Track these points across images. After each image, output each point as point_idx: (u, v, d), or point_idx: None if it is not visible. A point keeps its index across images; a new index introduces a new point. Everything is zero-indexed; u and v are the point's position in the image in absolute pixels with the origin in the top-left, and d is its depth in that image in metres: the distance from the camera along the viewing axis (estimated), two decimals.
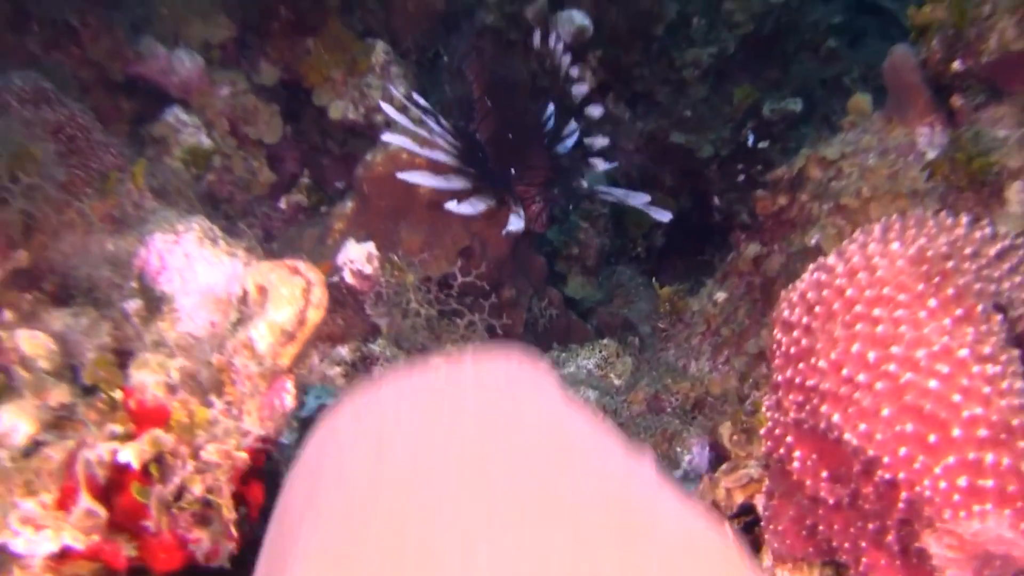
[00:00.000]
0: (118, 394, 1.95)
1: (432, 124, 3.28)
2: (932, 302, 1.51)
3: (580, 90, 3.71)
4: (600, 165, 3.73)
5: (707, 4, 6.06)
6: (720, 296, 3.42)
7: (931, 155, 3.03)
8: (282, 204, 4.20)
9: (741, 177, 5.72)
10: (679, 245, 5.65)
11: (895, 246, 1.58)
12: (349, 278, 2.82)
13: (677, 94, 5.81)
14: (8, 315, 2.43)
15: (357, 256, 2.83)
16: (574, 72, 3.77)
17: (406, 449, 1.18)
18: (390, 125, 4.17)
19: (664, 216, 3.32)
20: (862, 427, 1.51)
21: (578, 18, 5.24)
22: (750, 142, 5.77)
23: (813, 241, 3.06)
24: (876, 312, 1.53)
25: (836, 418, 1.54)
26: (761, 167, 5.61)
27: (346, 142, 4.40)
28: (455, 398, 1.23)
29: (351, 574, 1.08)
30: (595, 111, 3.62)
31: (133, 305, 2.53)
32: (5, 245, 2.40)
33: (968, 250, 1.62)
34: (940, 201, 2.87)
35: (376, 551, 1.09)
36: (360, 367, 2.77)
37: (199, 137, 4.02)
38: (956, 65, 3.00)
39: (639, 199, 3.49)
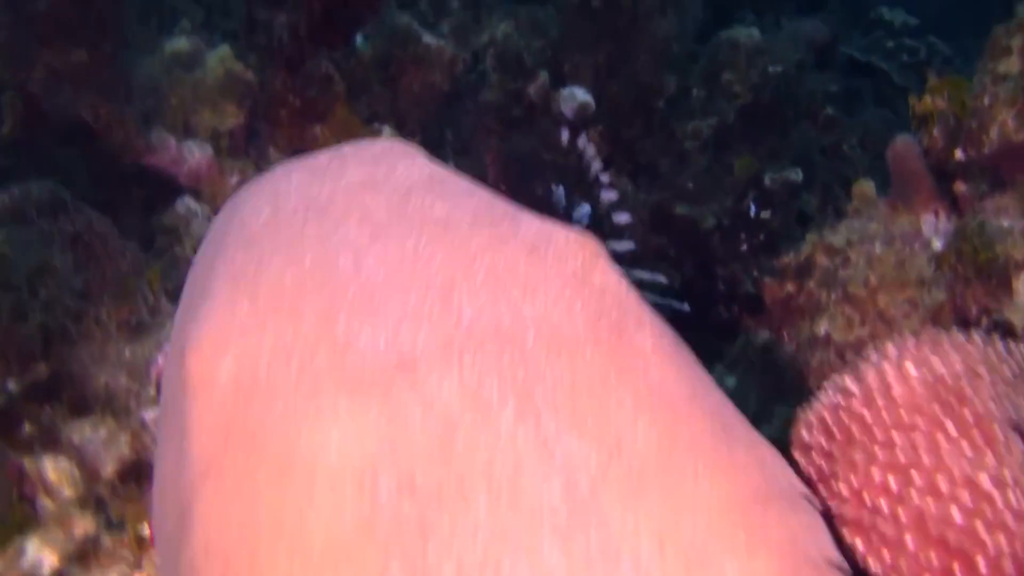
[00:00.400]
0: (145, 530, 1.98)
1: None
2: (951, 427, 1.54)
3: (609, 196, 3.73)
4: (618, 246, 3.76)
5: (705, 75, 6.12)
6: (730, 382, 3.44)
7: (936, 242, 3.07)
8: None
9: (744, 247, 5.75)
10: (682, 316, 5.68)
11: (911, 369, 1.61)
12: None
13: (679, 165, 5.87)
14: (27, 428, 2.45)
15: None
16: (604, 178, 3.79)
17: (299, 194, 1.38)
18: None
19: (682, 307, 3.35)
20: (886, 557, 1.53)
21: (580, 95, 5.29)
22: (752, 212, 5.81)
23: (822, 330, 3.09)
24: (895, 438, 1.55)
25: (859, 546, 1.56)
26: (763, 236, 5.65)
27: None
28: (339, 160, 1.47)
29: (256, 285, 1.24)
30: (621, 218, 3.65)
31: (151, 414, 2.55)
32: (25, 358, 2.43)
33: (983, 370, 1.65)
34: (947, 290, 2.91)
35: (278, 265, 1.26)
36: None
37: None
38: (958, 154, 3.04)
39: (656, 281, 3.50)
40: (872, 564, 1.55)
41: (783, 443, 1.65)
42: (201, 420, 1.14)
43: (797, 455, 1.72)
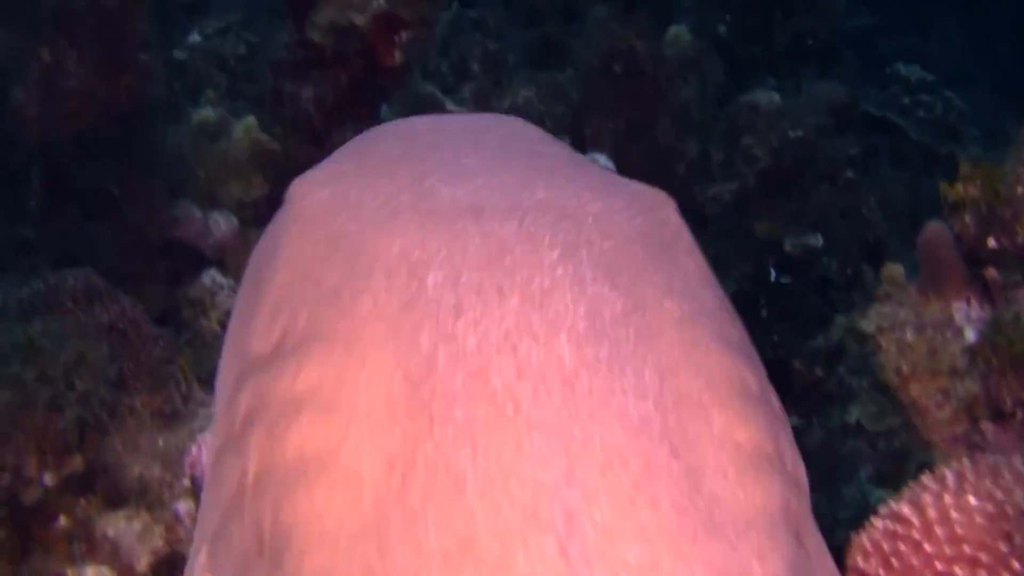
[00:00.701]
0: None
1: None
2: (1016, 565, 1.53)
3: None
4: None
5: (725, 138, 6.13)
6: None
7: (969, 331, 3.06)
8: None
9: (764, 312, 5.75)
10: None
11: (972, 500, 1.60)
12: None
13: (699, 230, 5.84)
14: (63, 521, 2.45)
15: None
16: None
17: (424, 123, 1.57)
18: None
19: None
20: None
21: (602, 161, 5.30)
22: (772, 277, 5.81)
23: (853, 418, 3.08)
24: (958, 572, 1.54)
25: None
26: (784, 302, 5.66)
27: None
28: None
29: (366, 154, 1.47)
30: None
31: (184, 507, 2.55)
32: (61, 451, 2.43)
33: None
34: (982, 382, 2.90)
35: (388, 145, 1.47)
36: None
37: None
38: (991, 242, 3.04)
39: None
40: None
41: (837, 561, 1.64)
42: (290, 225, 1.32)
43: None
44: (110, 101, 3.76)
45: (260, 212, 4.39)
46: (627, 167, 5.36)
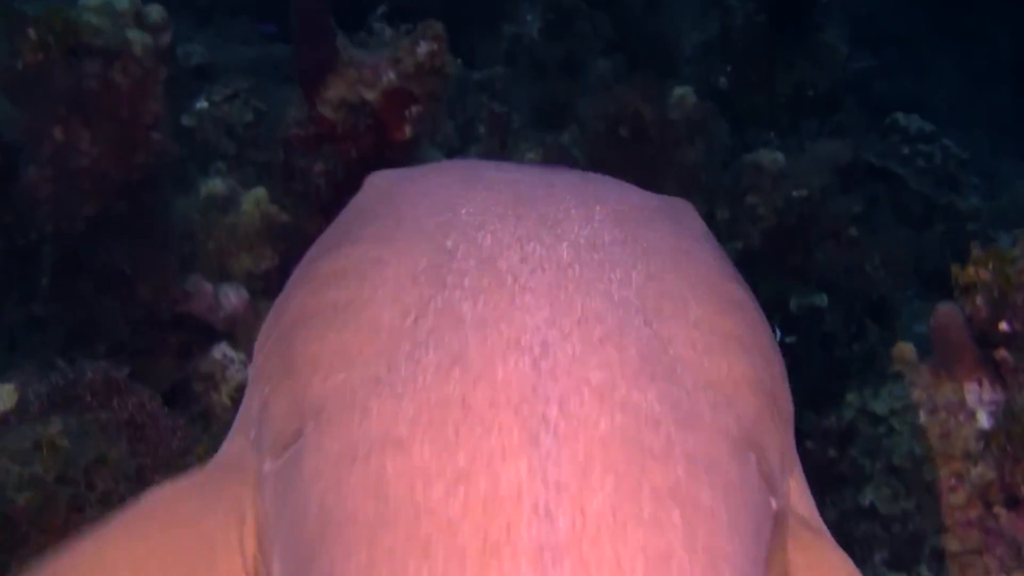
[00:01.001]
0: None
1: None
2: None
3: None
4: None
5: (729, 197, 6.16)
6: None
7: (981, 413, 3.08)
8: None
9: None
10: None
11: None
12: None
13: None
14: None
15: None
16: None
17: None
18: None
19: None
20: None
21: None
22: (777, 337, 5.80)
23: (867, 501, 3.09)
24: None
25: None
26: (788, 361, 5.65)
27: None
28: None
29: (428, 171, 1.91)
30: None
31: None
32: None
33: None
34: (996, 467, 2.91)
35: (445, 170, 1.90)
36: None
37: (246, 373, 4.07)
38: (1003, 325, 3.06)
39: None
40: None
41: None
42: (359, 194, 1.81)
43: None
44: (123, 180, 3.78)
45: (270, 284, 4.41)
46: None
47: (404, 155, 4.28)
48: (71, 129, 3.72)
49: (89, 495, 2.43)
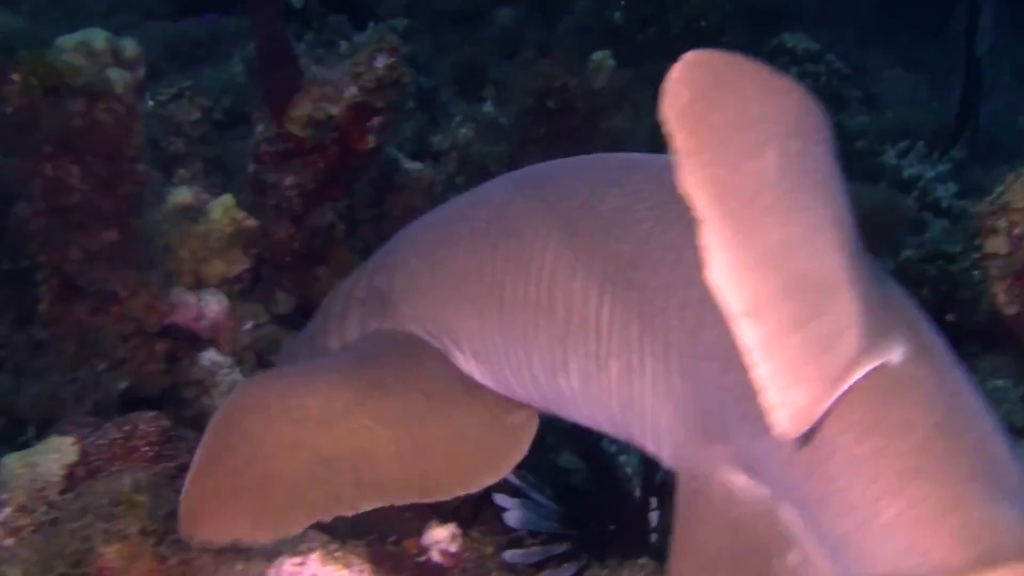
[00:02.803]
0: None
1: (538, 498, 3.58)
2: None
3: None
4: None
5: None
6: None
7: None
8: None
9: None
10: None
11: None
12: (437, 557, 3.17)
13: None
14: None
15: (443, 537, 3.18)
16: None
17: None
18: None
19: None
20: None
21: None
22: None
23: None
24: None
25: None
26: None
27: None
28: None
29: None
30: None
31: None
32: None
33: None
34: None
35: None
36: None
37: (234, 376, 4.33)
38: (949, 316, 3.47)
39: None
40: None
41: None
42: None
43: None
44: (112, 210, 3.99)
45: (244, 286, 4.67)
46: None
47: (367, 163, 4.55)
48: (61, 167, 3.91)
49: (171, 544, 2.71)
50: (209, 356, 4.39)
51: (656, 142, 5.55)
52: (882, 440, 1.96)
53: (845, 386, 1.93)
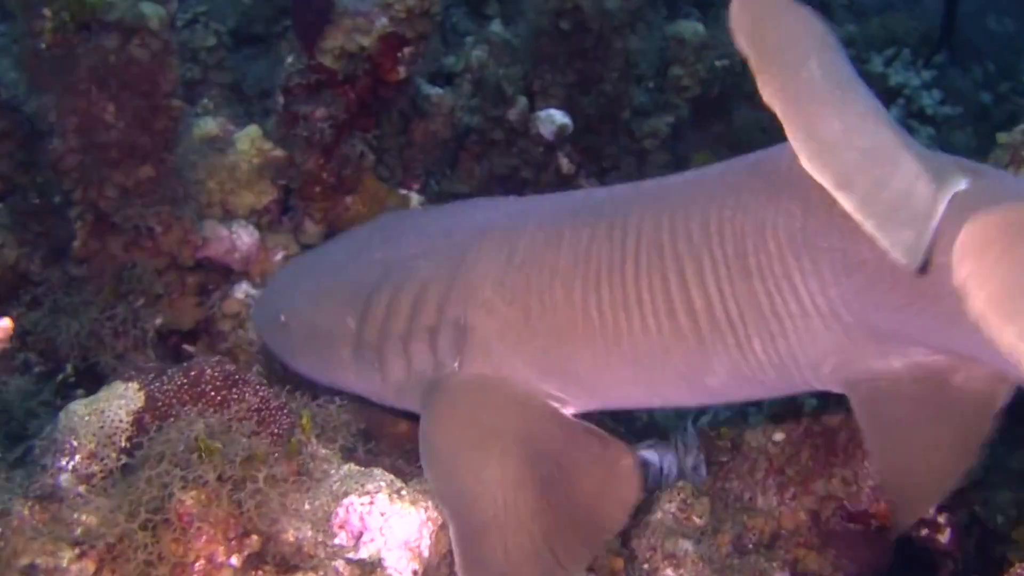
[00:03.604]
0: None
1: None
2: None
3: None
4: None
5: (655, 70, 6.46)
6: (779, 436, 3.89)
7: None
8: None
9: None
10: None
11: None
12: None
13: (640, 163, 6.24)
14: None
15: None
16: None
17: None
18: None
19: None
20: None
21: (559, 117, 5.63)
22: None
23: None
24: None
25: None
26: None
27: None
28: None
29: None
30: None
31: (341, 564, 2.92)
32: (242, 536, 2.77)
33: None
34: None
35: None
36: None
37: None
38: None
39: None
40: None
41: None
42: None
43: None
44: (148, 147, 3.97)
45: (273, 217, 4.67)
46: (578, 117, 5.70)
47: (398, 94, 4.54)
48: (96, 104, 3.89)
49: (246, 487, 2.75)
50: (243, 288, 4.41)
51: (664, 58, 5.54)
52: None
53: (935, 220, 2.52)
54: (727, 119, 6.78)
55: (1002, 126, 8.60)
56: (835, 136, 2.52)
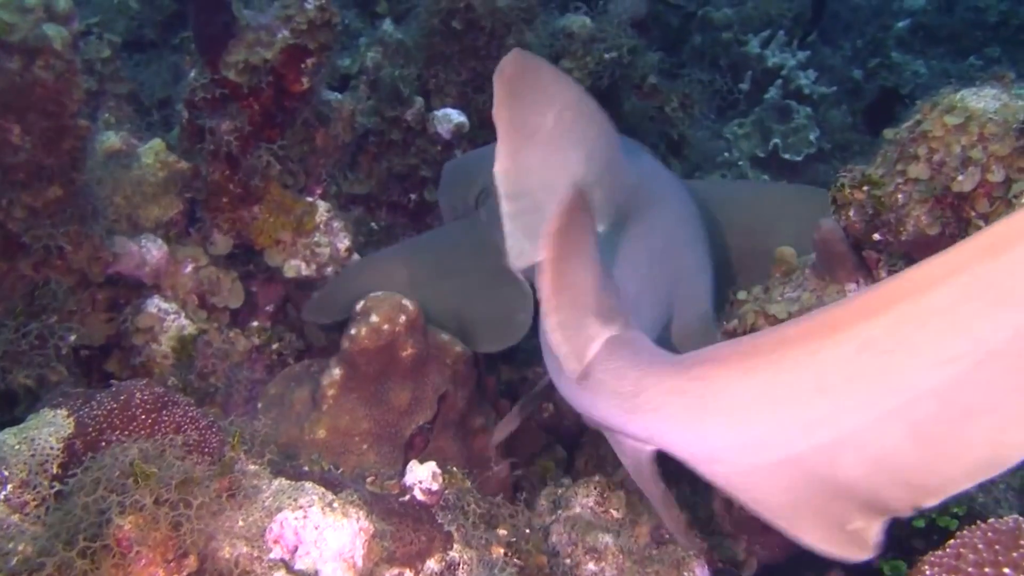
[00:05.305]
0: None
1: None
2: None
3: None
4: None
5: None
6: None
7: None
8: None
9: None
10: None
11: None
12: (420, 496, 3.32)
13: None
14: None
15: (424, 476, 3.33)
16: None
17: None
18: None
19: None
20: None
21: (455, 116, 5.72)
22: None
23: None
24: None
25: None
26: None
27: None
28: None
29: None
30: None
31: None
32: (181, 556, 2.84)
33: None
34: None
35: None
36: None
37: (180, 322, 4.39)
38: (876, 236, 3.68)
39: None
40: None
41: None
42: None
43: None
44: (54, 167, 3.98)
45: (180, 230, 4.69)
46: (474, 114, 5.78)
47: (303, 104, 4.58)
48: (2, 126, 3.88)
49: (184, 511, 2.80)
50: (155, 303, 4.43)
51: (554, 51, 5.64)
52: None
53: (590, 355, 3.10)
54: (617, 109, 6.89)
55: (874, 103, 8.89)
56: (532, 180, 3.43)
